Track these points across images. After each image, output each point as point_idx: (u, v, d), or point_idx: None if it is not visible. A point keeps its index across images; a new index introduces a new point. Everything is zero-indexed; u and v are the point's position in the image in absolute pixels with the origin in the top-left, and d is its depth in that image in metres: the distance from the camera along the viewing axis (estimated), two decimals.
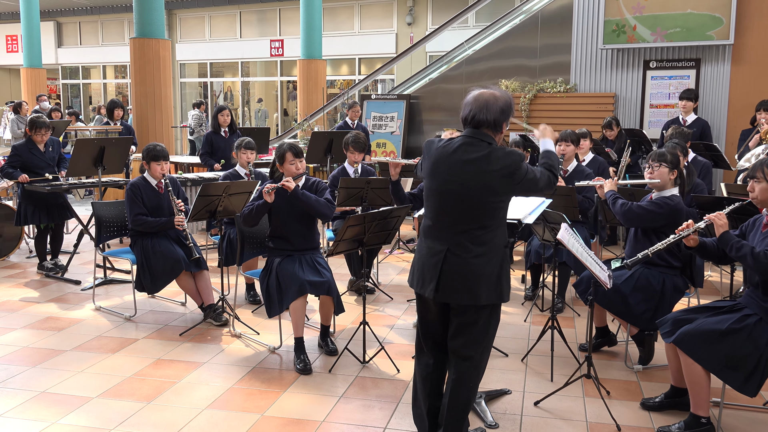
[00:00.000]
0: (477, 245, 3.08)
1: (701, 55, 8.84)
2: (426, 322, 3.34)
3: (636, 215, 4.47)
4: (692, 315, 3.74)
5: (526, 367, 4.64)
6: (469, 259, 3.07)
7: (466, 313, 3.15)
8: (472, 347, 3.19)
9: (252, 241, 5.30)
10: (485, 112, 3.09)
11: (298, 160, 4.79)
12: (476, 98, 3.12)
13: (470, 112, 3.12)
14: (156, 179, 5.58)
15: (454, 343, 3.22)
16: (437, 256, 3.13)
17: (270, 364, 4.70)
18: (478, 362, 3.23)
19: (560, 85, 9.57)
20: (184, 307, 5.97)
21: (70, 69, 26.38)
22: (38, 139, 6.91)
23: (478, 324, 3.17)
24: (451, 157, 3.11)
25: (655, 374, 4.53)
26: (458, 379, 3.21)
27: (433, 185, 3.17)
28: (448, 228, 3.13)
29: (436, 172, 3.15)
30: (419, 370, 3.39)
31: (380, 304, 6.07)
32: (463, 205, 3.08)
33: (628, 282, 4.45)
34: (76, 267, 7.27)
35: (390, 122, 11.02)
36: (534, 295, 6.07)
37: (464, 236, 3.09)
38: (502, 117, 3.11)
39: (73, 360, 4.74)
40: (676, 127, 6.58)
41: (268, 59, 22.78)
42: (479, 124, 3.10)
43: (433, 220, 3.19)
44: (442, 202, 3.14)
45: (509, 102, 3.15)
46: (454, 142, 3.15)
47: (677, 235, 3.81)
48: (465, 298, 3.10)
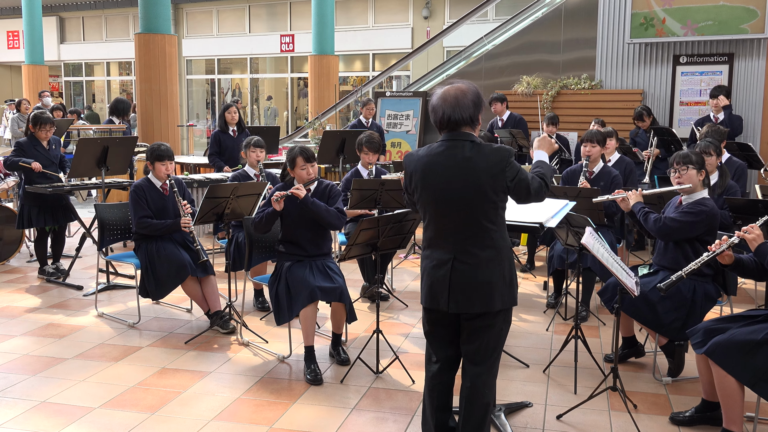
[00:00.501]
0: (482, 249, 3.12)
1: (734, 50, 8.77)
2: (434, 334, 3.36)
3: (672, 230, 4.44)
4: (725, 324, 3.70)
5: (548, 379, 4.61)
6: (477, 265, 3.11)
7: (480, 318, 3.19)
8: (487, 351, 3.23)
9: (261, 245, 5.31)
10: (458, 110, 3.10)
11: (310, 165, 4.78)
12: (444, 98, 3.12)
13: (443, 114, 3.12)
14: (161, 180, 5.60)
15: (468, 348, 3.25)
16: (444, 266, 3.16)
17: (279, 374, 4.70)
18: (492, 366, 3.27)
19: (585, 82, 9.53)
20: (190, 314, 5.99)
21: (73, 66, 26.62)
22: (42, 136, 6.95)
23: (493, 328, 3.21)
24: (438, 164, 3.13)
25: (685, 387, 4.49)
26: (474, 386, 3.24)
27: (427, 196, 3.19)
28: (450, 236, 3.16)
29: (425, 184, 3.17)
30: (426, 382, 3.41)
31: (395, 312, 6.06)
32: (461, 210, 3.11)
33: (656, 289, 4.41)
34: (78, 272, 7.32)
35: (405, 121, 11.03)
36: (557, 303, 6.04)
37: (468, 242, 3.12)
38: (476, 110, 3.14)
39: (74, 369, 4.77)
40: (711, 124, 6.53)
41: (278, 55, 22.88)
42: (456, 124, 3.12)
43: (435, 231, 3.22)
44: (440, 211, 3.16)
45: (477, 92, 3.18)
46: (437, 149, 3.16)
47: (710, 253, 3.77)
48: (478, 306, 3.14)
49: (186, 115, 23.63)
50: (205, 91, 25.03)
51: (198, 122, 24.10)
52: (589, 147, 6.02)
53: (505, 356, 4.90)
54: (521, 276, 7.21)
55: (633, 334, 4.84)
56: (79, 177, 7.18)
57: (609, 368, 4.58)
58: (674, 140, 7.64)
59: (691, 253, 4.38)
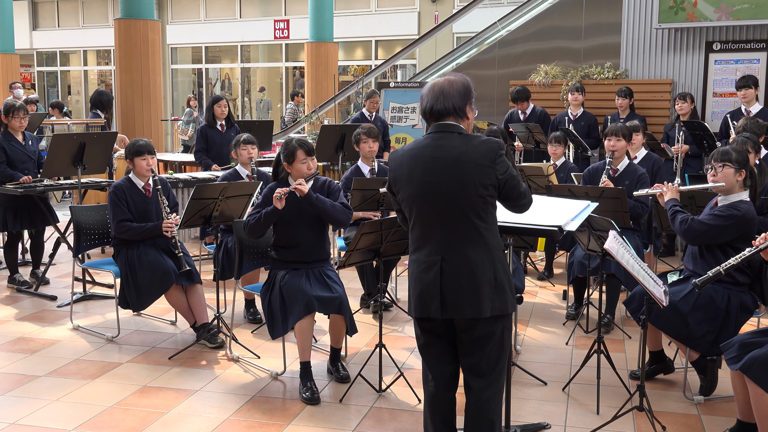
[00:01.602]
0: (472, 248, 3.17)
1: None
2: (429, 347, 3.37)
3: (698, 233, 4.44)
4: (762, 338, 3.70)
5: (568, 398, 4.61)
6: (466, 265, 3.16)
7: (475, 328, 3.22)
8: (490, 363, 3.27)
9: (252, 251, 5.32)
10: (443, 100, 3.22)
11: (310, 158, 4.80)
12: (431, 89, 3.27)
13: (427, 104, 3.25)
14: (143, 180, 5.61)
15: (469, 361, 3.29)
16: (433, 268, 3.21)
17: (272, 393, 4.71)
18: (497, 379, 3.30)
19: (608, 71, 9.53)
20: (174, 327, 6.01)
21: (47, 54, 26.70)
22: (16, 125, 6.95)
23: (493, 337, 3.24)
24: (423, 156, 3.21)
25: (718, 406, 4.49)
26: (478, 402, 3.27)
27: (411, 192, 3.25)
28: (437, 234, 3.21)
29: (411, 178, 3.24)
30: (426, 403, 3.43)
31: (399, 324, 6.07)
32: (448, 205, 3.17)
33: (687, 299, 4.42)
34: (52, 280, 7.34)
35: (411, 114, 11.04)
36: (577, 314, 6.04)
37: (456, 240, 3.18)
38: (462, 101, 3.23)
39: (47, 387, 4.78)
40: (748, 117, 6.52)
41: (272, 42, 22.92)
42: (440, 114, 3.23)
43: (421, 230, 3.26)
44: (425, 207, 3.22)
45: (466, 83, 3.28)
46: (421, 142, 3.26)
47: (754, 248, 3.76)
48: (468, 311, 3.18)
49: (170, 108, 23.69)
50: (192, 81, 25.09)
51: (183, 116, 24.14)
52: (614, 141, 6.01)
53: (520, 373, 4.90)
54: (538, 284, 7.21)
55: (661, 348, 4.84)
56: (54, 176, 7.19)
57: (635, 386, 4.57)
58: (707, 135, 7.64)
59: (723, 258, 4.37)
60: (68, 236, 7.35)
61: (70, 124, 11.40)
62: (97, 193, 9.11)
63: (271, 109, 23.46)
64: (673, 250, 8.32)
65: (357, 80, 12.81)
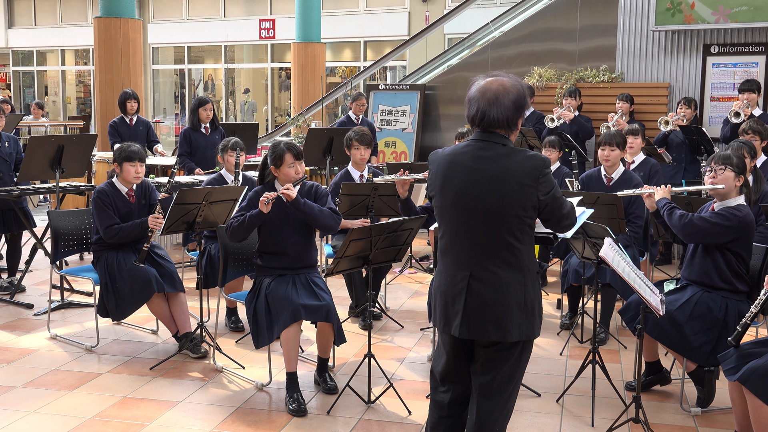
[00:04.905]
0: (503, 268, 3.11)
1: None
2: (449, 358, 3.33)
3: (698, 229, 4.47)
4: (761, 348, 3.73)
5: (562, 410, 4.63)
6: (496, 286, 3.10)
7: (495, 347, 3.18)
8: (501, 384, 3.23)
9: (237, 257, 5.32)
10: (495, 109, 3.09)
11: (298, 162, 4.81)
12: (483, 92, 3.12)
13: (478, 110, 3.12)
14: (127, 186, 5.60)
15: (481, 380, 3.25)
16: (460, 284, 3.16)
17: (257, 404, 4.71)
18: (506, 402, 3.26)
19: (604, 74, 9.59)
20: (156, 336, 6.00)
21: (23, 54, 26.59)
22: None
23: (510, 359, 3.20)
24: (462, 166, 3.13)
25: (716, 418, 4.52)
26: (482, 423, 3.23)
27: (445, 202, 3.19)
28: (468, 249, 3.15)
29: (447, 187, 3.17)
30: (430, 415, 3.41)
31: (388, 333, 6.08)
32: (483, 222, 3.10)
33: (684, 308, 4.45)
34: (28, 288, 7.31)
35: (401, 117, 11.07)
36: (572, 324, 6.07)
37: (488, 258, 3.12)
38: (516, 114, 3.12)
39: (24, 398, 4.77)
40: (752, 119, 6.56)
41: (257, 42, 22.92)
42: (490, 124, 3.11)
43: (451, 242, 3.21)
44: (459, 220, 3.16)
45: (522, 92, 3.15)
46: (462, 149, 3.17)
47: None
48: (493, 334, 3.13)
49: (152, 109, 23.62)
50: (174, 82, 25.04)
51: (165, 118, 24.12)
52: (608, 151, 6.03)
53: None
54: None
55: (658, 358, 4.86)
56: (30, 180, 7.17)
57: (631, 397, 4.60)
58: (704, 140, 7.69)
59: (722, 264, 4.42)
60: (45, 242, 7.32)
61: (47, 126, 11.37)
62: (76, 198, 9.08)
63: (256, 112, 23.45)
64: (669, 259, 8.36)
65: (345, 82, 12.82)
